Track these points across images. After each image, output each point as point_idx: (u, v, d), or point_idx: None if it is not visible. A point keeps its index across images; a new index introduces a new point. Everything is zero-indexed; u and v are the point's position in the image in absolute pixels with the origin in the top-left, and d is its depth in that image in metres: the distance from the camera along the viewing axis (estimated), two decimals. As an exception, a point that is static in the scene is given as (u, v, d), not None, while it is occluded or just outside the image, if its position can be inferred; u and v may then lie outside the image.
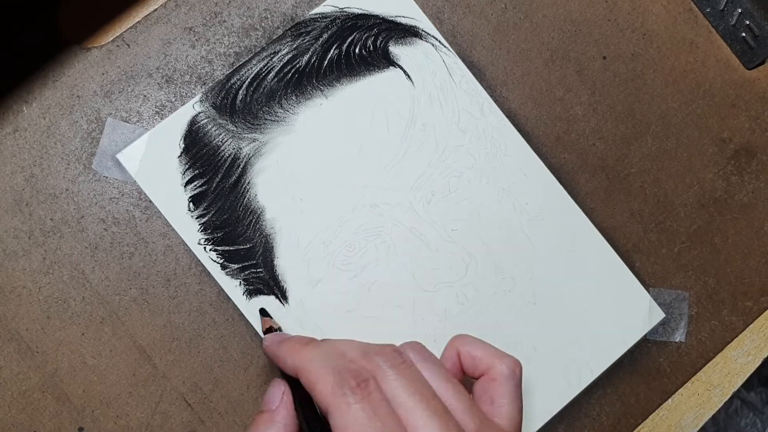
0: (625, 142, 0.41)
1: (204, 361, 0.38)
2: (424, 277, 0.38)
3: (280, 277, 0.38)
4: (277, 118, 0.38)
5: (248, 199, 0.38)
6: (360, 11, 0.39)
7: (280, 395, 0.32)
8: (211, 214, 0.38)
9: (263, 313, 0.37)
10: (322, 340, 0.32)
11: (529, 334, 0.39)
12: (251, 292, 0.38)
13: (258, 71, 0.38)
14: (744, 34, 0.41)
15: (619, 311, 0.39)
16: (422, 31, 0.39)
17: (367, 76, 0.39)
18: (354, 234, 0.38)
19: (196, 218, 0.38)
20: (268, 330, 0.36)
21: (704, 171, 0.41)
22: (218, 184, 0.38)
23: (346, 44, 0.39)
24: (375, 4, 0.39)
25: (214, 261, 0.38)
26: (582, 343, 0.39)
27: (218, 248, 0.38)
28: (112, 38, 0.38)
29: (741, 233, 0.41)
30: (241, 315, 0.38)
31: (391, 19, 0.39)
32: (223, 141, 0.38)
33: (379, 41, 0.39)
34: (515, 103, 0.40)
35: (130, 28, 0.39)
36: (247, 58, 0.39)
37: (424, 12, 0.40)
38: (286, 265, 0.38)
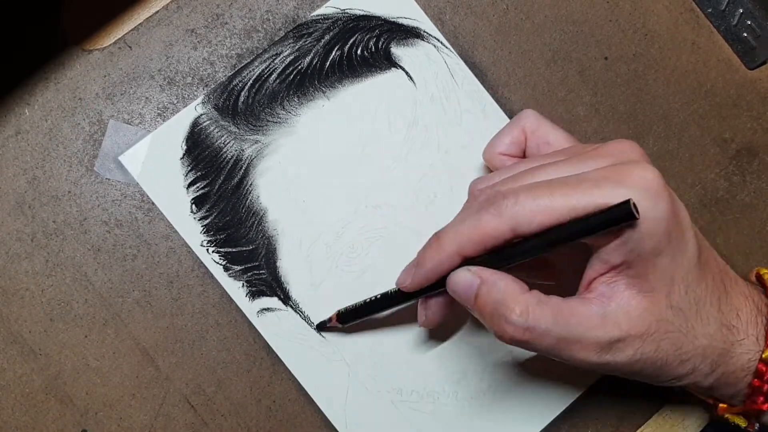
0: (627, 143, 0.41)
1: (207, 362, 0.38)
2: (426, 278, 0.38)
3: (282, 279, 0.38)
4: (279, 119, 0.38)
5: (251, 200, 0.38)
6: (362, 12, 0.39)
7: (469, 272, 0.31)
8: (213, 215, 0.38)
9: (322, 327, 0.38)
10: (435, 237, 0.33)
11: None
12: (254, 294, 0.38)
13: (260, 73, 0.38)
14: (745, 35, 0.41)
15: None
16: (424, 32, 0.39)
17: (369, 77, 0.39)
18: (356, 235, 0.38)
19: (199, 220, 0.38)
20: (343, 317, 0.37)
21: (706, 171, 0.41)
22: (221, 186, 0.38)
23: (347, 45, 0.39)
24: (377, 5, 0.39)
25: (217, 263, 0.38)
26: (585, 343, 0.39)
27: (221, 250, 0.38)
28: (113, 40, 0.38)
29: (743, 233, 0.41)
30: (244, 317, 0.38)
31: (392, 20, 0.39)
32: (226, 143, 0.38)
33: (380, 42, 0.39)
34: (517, 104, 0.40)
35: (132, 30, 0.39)
36: (249, 60, 0.39)
37: (425, 13, 0.40)
38: (288, 266, 0.38)
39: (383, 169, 0.39)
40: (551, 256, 0.34)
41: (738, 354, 0.32)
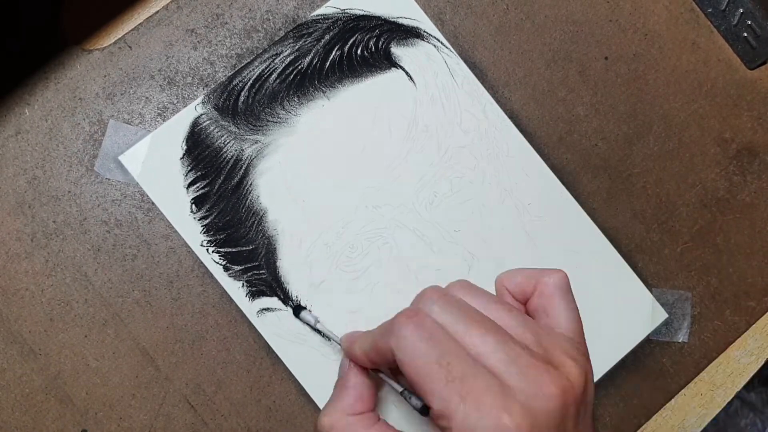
0: (627, 143, 0.41)
1: (207, 363, 0.38)
2: (426, 278, 0.38)
3: (282, 279, 0.38)
4: (279, 119, 0.38)
5: (251, 200, 0.38)
6: (362, 12, 0.39)
7: (346, 365, 0.34)
8: (213, 215, 0.38)
9: (298, 310, 0.38)
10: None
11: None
12: (254, 294, 0.38)
13: (260, 73, 0.38)
14: (746, 34, 0.41)
15: (622, 312, 0.39)
16: (424, 32, 0.39)
17: (369, 77, 0.39)
18: (356, 235, 0.38)
19: (199, 220, 0.38)
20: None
21: (706, 171, 0.41)
22: (221, 186, 0.38)
23: (347, 45, 0.39)
24: (377, 5, 0.39)
25: (217, 263, 0.38)
26: (585, 343, 0.39)
27: (221, 250, 0.38)
28: (113, 40, 0.38)
29: (743, 233, 0.41)
30: (244, 317, 0.38)
31: (392, 20, 0.39)
32: (226, 143, 0.38)
33: (380, 42, 0.39)
34: (517, 104, 0.40)
35: (132, 30, 0.39)
36: (249, 60, 0.39)
37: (425, 13, 0.40)
38: (288, 266, 0.38)
39: (383, 169, 0.39)
40: None
41: None
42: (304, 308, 0.38)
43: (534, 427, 0.27)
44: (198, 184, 0.38)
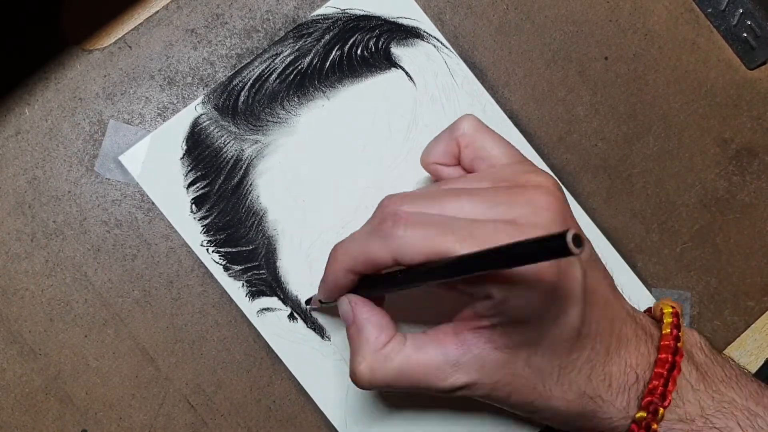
0: (626, 143, 0.41)
1: (207, 363, 0.38)
2: (426, 278, 0.38)
3: (282, 279, 0.38)
4: (279, 119, 0.38)
5: (250, 200, 0.38)
6: (362, 12, 0.39)
7: (348, 305, 0.32)
8: (213, 215, 0.38)
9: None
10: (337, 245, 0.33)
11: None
12: (254, 294, 0.38)
13: (260, 73, 0.38)
14: (745, 35, 0.41)
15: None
16: (424, 32, 0.39)
17: (369, 77, 0.39)
18: (356, 235, 0.38)
19: (199, 220, 0.38)
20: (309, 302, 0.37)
21: (706, 171, 0.41)
22: (221, 186, 0.38)
23: (347, 45, 0.39)
24: (376, 5, 0.39)
25: (217, 263, 0.38)
26: (584, 343, 0.39)
27: (221, 250, 0.38)
28: (113, 40, 0.38)
29: (743, 233, 0.41)
30: (244, 317, 0.38)
31: (392, 20, 0.39)
32: (226, 143, 0.38)
33: (380, 42, 0.39)
34: (517, 104, 0.40)
35: (132, 30, 0.39)
36: (249, 60, 0.39)
37: (425, 13, 0.40)
38: (288, 266, 0.38)
39: (383, 169, 0.39)
40: None
41: (600, 418, 0.32)
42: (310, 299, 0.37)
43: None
44: (198, 184, 0.38)
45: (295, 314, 0.38)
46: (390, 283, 0.31)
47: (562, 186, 0.31)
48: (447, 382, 0.30)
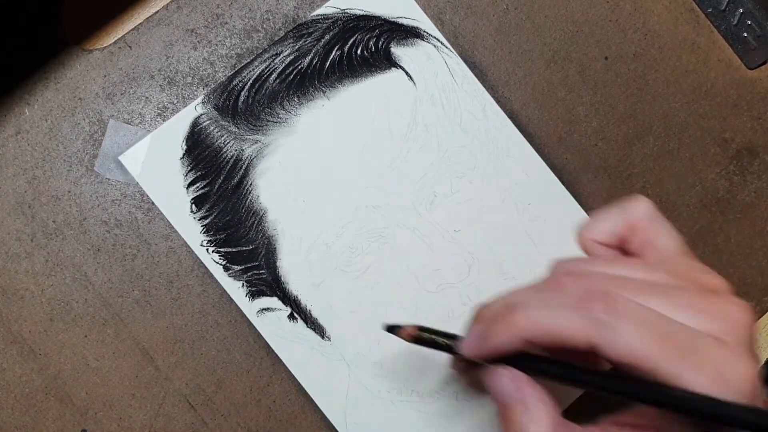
0: (627, 143, 0.41)
1: (207, 363, 0.38)
2: (426, 279, 0.38)
3: (282, 279, 0.38)
4: (279, 119, 0.38)
5: (250, 200, 0.38)
6: (362, 12, 0.39)
7: (510, 382, 0.28)
8: (213, 215, 0.38)
9: (392, 330, 0.33)
10: (508, 297, 0.29)
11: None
12: (254, 294, 0.38)
13: (260, 73, 0.38)
14: (746, 34, 0.41)
15: None
16: (424, 32, 0.39)
17: (368, 77, 0.39)
18: (356, 235, 0.38)
19: (199, 220, 0.38)
20: (417, 338, 0.32)
21: (706, 171, 0.41)
22: (220, 186, 0.38)
23: (347, 45, 0.39)
24: (376, 5, 0.39)
25: (217, 263, 0.38)
26: (585, 343, 0.39)
27: (221, 250, 0.38)
28: (113, 40, 0.38)
29: (743, 233, 0.41)
30: (244, 317, 0.38)
31: (392, 20, 0.39)
32: (226, 143, 0.38)
33: (380, 42, 0.39)
34: (517, 104, 0.40)
35: (132, 30, 0.39)
36: (248, 60, 0.39)
37: (425, 13, 0.40)
38: (288, 266, 0.38)
39: (383, 169, 0.39)
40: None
41: None
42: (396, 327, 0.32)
43: (755, 363, 0.25)
44: (198, 184, 0.38)
45: (295, 314, 0.38)
46: (564, 374, 0.27)
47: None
48: None
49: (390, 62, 0.39)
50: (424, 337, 0.31)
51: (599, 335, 0.25)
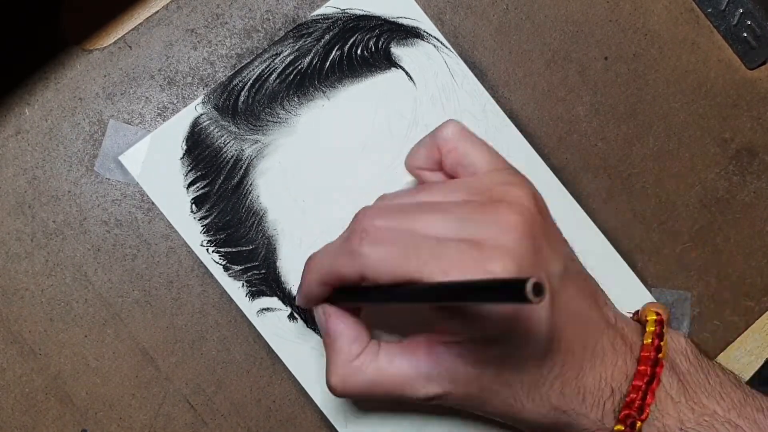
0: (627, 143, 0.41)
1: (207, 362, 0.38)
2: (426, 278, 0.38)
3: (282, 279, 0.38)
4: (279, 119, 0.38)
5: (251, 200, 0.38)
6: (361, 12, 0.39)
7: (322, 315, 0.32)
8: (213, 215, 0.38)
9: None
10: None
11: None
12: (254, 294, 0.38)
13: (260, 73, 0.38)
14: (745, 34, 0.41)
15: (622, 311, 0.39)
16: (424, 32, 0.39)
17: (368, 77, 0.39)
18: (356, 235, 0.38)
19: (199, 220, 0.38)
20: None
21: (706, 171, 0.41)
22: (221, 186, 0.38)
23: (347, 45, 0.39)
24: (376, 5, 0.39)
25: (217, 263, 0.38)
26: (585, 343, 0.39)
27: (221, 250, 0.38)
28: (113, 40, 0.38)
29: (743, 233, 0.41)
30: (244, 316, 0.38)
31: (392, 20, 0.39)
32: (226, 143, 0.38)
33: (380, 42, 0.39)
34: (517, 104, 0.40)
35: (132, 29, 0.39)
36: (248, 60, 0.39)
37: (425, 13, 0.40)
38: (288, 266, 0.38)
39: (383, 169, 0.39)
40: None
41: (575, 430, 0.32)
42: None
43: (518, 261, 0.27)
44: (198, 184, 0.38)
45: (295, 314, 0.38)
46: (363, 297, 0.31)
47: (537, 196, 0.31)
48: (419, 393, 0.30)
49: (390, 62, 0.39)
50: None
51: (359, 265, 0.29)
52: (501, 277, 0.26)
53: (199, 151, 0.38)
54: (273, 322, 0.38)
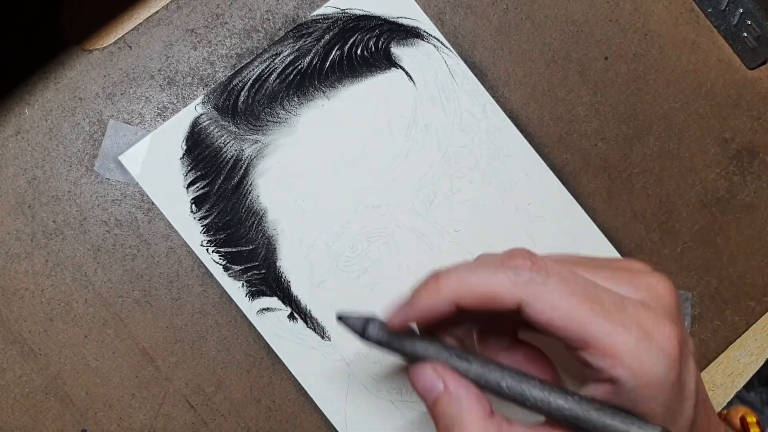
0: (627, 143, 0.41)
1: (207, 362, 0.38)
2: (426, 278, 0.38)
3: (282, 279, 0.38)
4: (279, 119, 0.38)
5: (250, 200, 0.38)
6: (361, 12, 0.39)
7: (434, 372, 0.27)
8: (213, 215, 0.38)
9: (345, 320, 0.31)
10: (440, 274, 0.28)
11: (531, 334, 0.39)
12: (254, 294, 0.38)
13: (260, 73, 0.38)
14: (745, 34, 0.41)
15: None
16: (424, 32, 0.39)
17: (368, 77, 0.39)
18: (356, 235, 0.38)
19: (199, 220, 0.38)
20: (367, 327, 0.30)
21: (706, 171, 0.41)
22: (220, 186, 0.38)
23: (347, 45, 0.39)
24: (376, 5, 0.39)
25: (217, 263, 0.38)
26: (585, 343, 0.39)
27: (221, 250, 0.38)
28: (113, 40, 0.38)
29: (743, 233, 0.41)
30: (244, 316, 0.38)
31: (392, 20, 0.39)
32: (226, 143, 0.38)
33: (380, 42, 0.39)
34: (517, 104, 0.40)
35: (132, 30, 0.39)
36: (248, 60, 0.39)
37: (425, 13, 0.40)
38: (288, 266, 0.38)
39: (383, 169, 0.39)
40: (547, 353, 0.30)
41: None
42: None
43: (677, 325, 0.26)
44: (198, 184, 0.38)
45: (295, 314, 0.38)
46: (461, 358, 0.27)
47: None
48: None
49: (390, 62, 0.39)
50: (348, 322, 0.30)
51: (526, 292, 0.25)
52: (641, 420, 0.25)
53: (199, 151, 0.38)
54: (273, 322, 0.38)
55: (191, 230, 0.38)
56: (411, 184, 0.39)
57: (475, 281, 0.26)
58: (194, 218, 0.38)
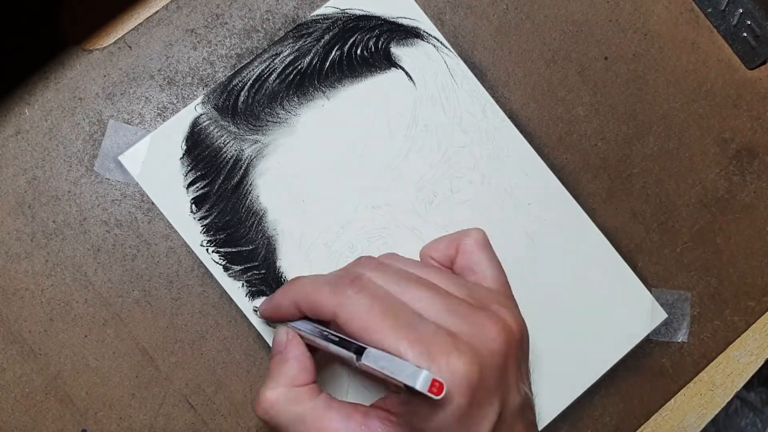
0: (626, 143, 0.41)
1: (207, 362, 0.38)
2: (426, 278, 0.38)
3: (282, 279, 0.38)
4: (278, 119, 0.38)
5: (250, 200, 0.38)
6: (361, 12, 0.39)
7: (285, 336, 0.33)
8: (213, 215, 0.38)
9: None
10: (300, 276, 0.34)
11: (531, 334, 0.39)
12: (254, 294, 0.38)
13: (260, 73, 0.38)
14: (745, 34, 0.41)
15: (622, 312, 0.39)
16: (424, 32, 0.39)
17: (368, 77, 0.39)
18: (356, 235, 0.38)
19: (199, 220, 0.38)
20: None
21: (706, 171, 0.41)
22: (220, 186, 0.38)
23: (347, 45, 0.39)
24: (376, 5, 0.39)
25: (217, 263, 0.38)
26: (584, 343, 0.39)
27: (221, 250, 0.38)
28: (113, 40, 0.38)
29: (743, 233, 0.41)
30: (244, 316, 0.38)
31: (392, 20, 0.39)
32: (225, 143, 0.38)
33: (380, 42, 0.39)
34: (517, 104, 0.40)
35: (132, 29, 0.39)
36: (248, 60, 0.39)
37: (425, 13, 0.40)
38: (288, 266, 0.38)
39: (383, 169, 0.39)
40: None
41: None
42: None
43: (482, 368, 0.28)
44: (198, 184, 0.38)
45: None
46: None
47: (523, 328, 0.32)
48: None
49: (390, 62, 0.39)
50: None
51: (339, 306, 0.29)
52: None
53: (198, 151, 0.38)
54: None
55: (191, 230, 0.38)
56: (411, 184, 0.39)
57: (309, 290, 0.31)
58: (194, 218, 0.38)
